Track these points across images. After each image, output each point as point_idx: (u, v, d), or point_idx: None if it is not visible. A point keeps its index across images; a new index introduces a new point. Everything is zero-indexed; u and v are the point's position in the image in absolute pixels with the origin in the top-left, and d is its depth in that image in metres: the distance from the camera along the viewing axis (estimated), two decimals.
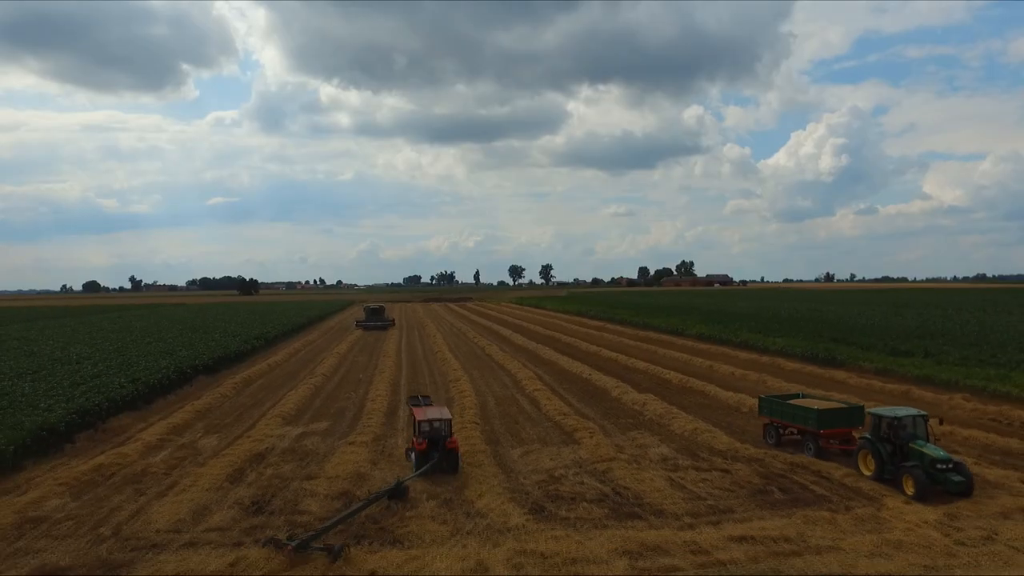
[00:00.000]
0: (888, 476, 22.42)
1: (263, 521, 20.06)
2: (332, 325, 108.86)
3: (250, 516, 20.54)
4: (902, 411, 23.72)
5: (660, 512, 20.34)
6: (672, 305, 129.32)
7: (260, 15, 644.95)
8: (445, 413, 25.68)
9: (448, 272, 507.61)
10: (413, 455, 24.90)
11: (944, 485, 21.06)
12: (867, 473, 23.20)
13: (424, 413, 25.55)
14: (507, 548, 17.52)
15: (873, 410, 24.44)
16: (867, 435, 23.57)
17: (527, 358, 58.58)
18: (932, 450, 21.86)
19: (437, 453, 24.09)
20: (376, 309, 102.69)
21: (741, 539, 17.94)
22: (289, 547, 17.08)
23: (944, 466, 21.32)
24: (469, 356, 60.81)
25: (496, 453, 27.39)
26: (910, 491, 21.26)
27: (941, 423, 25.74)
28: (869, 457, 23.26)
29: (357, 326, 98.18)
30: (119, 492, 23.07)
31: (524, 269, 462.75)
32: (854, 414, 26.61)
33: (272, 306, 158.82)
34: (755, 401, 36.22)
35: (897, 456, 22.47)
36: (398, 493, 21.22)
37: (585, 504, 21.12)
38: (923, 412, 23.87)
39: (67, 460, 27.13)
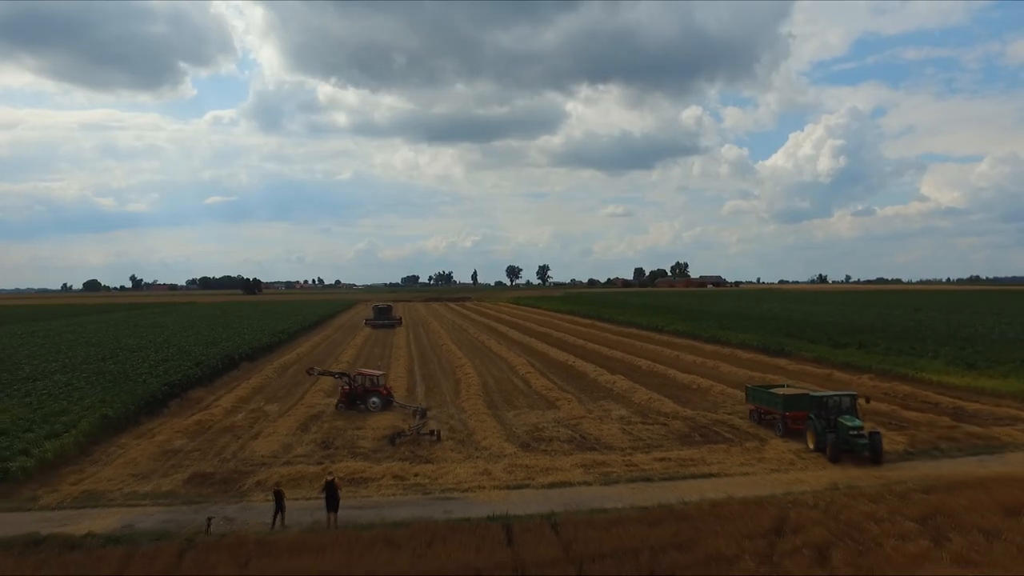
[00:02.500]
0: (821, 446, 26.58)
1: (333, 452, 28.78)
2: (342, 323, 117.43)
3: (323, 450, 29.29)
4: (834, 392, 28.96)
5: (611, 447, 29.08)
6: (660, 305, 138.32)
7: (258, 13, 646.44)
8: (380, 372, 40.95)
9: (446, 272, 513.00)
10: (343, 406, 37.42)
11: (854, 449, 25.46)
12: (811, 446, 27.11)
13: (371, 372, 40.01)
14: (504, 463, 26.32)
15: (812, 393, 29.85)
16: (811, 415, 27.61)
17: (521, 349, 67.31)
18: (850, 421, 26.07)
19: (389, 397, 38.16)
20: (384, 308, 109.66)
21: (661, 459, 26.80)
22: (413, 432, 29.86)
23: (855, 432, 25.45)
24: (471, 348, 69.50)
25: (495, 414, 36.09)
26: (829, 454, 25.77)
27: (868, 402, 30.32)
28: (811, 433, 27.37)
29: (366, 324, 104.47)
30: (221, 437, 31.80)
31: (521, 269, 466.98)
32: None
33: (278, 305, 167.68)
34: (703, 380, 45.35)
35: (827, 428, 26.65)
36: (424, 412, 33.93)
37: (558, 443, 29.89)
38: (852, 392, 29.13)
39: (170, 418, 35.80)
